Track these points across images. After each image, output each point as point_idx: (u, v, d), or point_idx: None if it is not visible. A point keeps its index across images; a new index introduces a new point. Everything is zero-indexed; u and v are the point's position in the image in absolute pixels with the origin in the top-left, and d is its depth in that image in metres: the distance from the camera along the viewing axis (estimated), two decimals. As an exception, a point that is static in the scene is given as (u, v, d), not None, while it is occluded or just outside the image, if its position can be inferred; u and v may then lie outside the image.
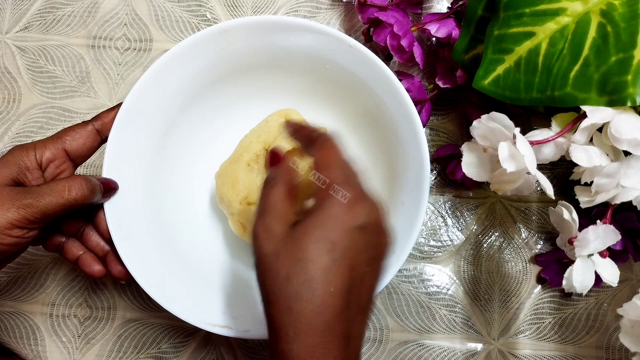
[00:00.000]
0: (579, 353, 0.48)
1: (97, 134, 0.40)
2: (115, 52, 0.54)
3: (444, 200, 0.51)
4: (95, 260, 0.40)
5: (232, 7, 0.54)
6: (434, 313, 0.49)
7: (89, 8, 0.54)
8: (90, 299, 0.50)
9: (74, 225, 0.40)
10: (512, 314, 0.49)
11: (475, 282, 0.49)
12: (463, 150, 0.38)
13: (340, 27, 0.54)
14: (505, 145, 0.33)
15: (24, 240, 0.34)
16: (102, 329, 0.50)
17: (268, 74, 0.45)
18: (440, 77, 0.47)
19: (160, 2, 0.54)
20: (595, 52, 0.34)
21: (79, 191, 0.36)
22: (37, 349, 0.50)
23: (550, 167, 0.50)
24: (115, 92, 0.53)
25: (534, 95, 0.36)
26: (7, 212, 0.33)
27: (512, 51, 0.37)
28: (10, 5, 0.55)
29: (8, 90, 0.53)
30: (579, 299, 0.49)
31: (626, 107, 0.34)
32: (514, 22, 0.37)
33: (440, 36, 0.45)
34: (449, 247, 0.50)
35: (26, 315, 0.50)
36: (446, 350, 0.49)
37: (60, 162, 0.38)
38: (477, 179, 0.37)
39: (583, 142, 0.35)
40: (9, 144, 0.53)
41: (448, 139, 0.51)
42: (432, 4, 0.52)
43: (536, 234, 0.50)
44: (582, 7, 0.36)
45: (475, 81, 0.38)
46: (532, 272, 0.49)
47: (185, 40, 0.41)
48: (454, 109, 0.52)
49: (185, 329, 0.49)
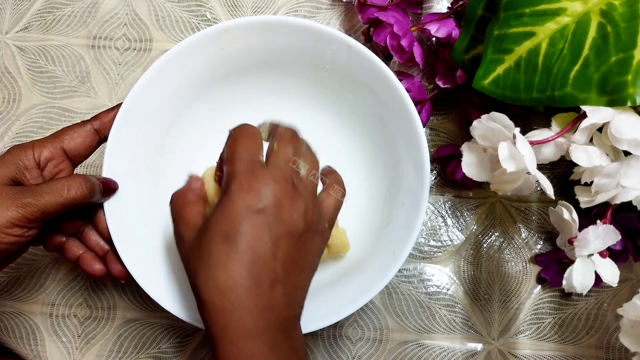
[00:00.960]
0: (579, 353, 0.48)
1: (95, 133, 0.40)
2: (115, 52, 0.54)
3: (444, 200, 0.51)
4: (96, 260, 0.40)
5: (232, 7, 0.54)
6: (434, 313, 0.49)
7: (89, 8, 0.54)
8: (90, 299, 0.50)
9: (74, 224, 0.40)
10: (512, 314, 0.49)
11: (475, 282, 0.49)
12: (463, 150, 0.38)
13: (340, 27, 0.54)
14: (505, 145, 0.33)
15: (23, 239, 0.34)
16: (102, 329, 0.50)
17: (268, 74, 0.45)
18: (440, 77, 0.47)
19: (160, 2, 0.54)
20: (595, 52, 0.34)
21: (78, 190, 0.36)
22: (37, 349, 0.50)
23: (550, 167, 0.50)
24: (115, 92, 0.53)
25: (534, 95, 0.36)
26: (7, 211, 0.33)
27: (512, 51, 0.37)
28: (10, 5, 0.55)
29: (8, 90, 0.53)
30: (579, 299, 0.49)
31: (626, 107, 0.34)
32: (514, 22, 0.37)
33: (440, 36, 0.45)
34: (449, 247, 0.50)
35: (26, 315, 0.50)
36: (446, 350, 0.48)
37: (59, 161, 0.38)
38: (477, 179, 0.37)
39: (583, 142, 0.35)
40: (9, 144, 0.53)
41: (448, 139, 0.51)
42: (432, 4, 0.52)
43: (536, 234, 0.50)
44: (582, 7, 0.36)
45: (475, 81, 0.38)
46: (532, 272, 0.49)
47: (185, 40, 0.41)
48: (454, 109, 0.52)
49: (185, 329, 0.49)
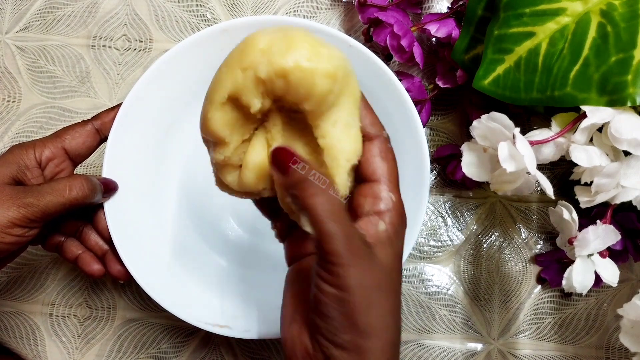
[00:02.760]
0: (579, 353, 0.48)
1: (96, 133, 0.40)
2: (115, 52, 0.54)
3: (444, 200, 0.51)
4: (95, 260, 0.40)
5: (232, 7, 0.54)
6: (434, 313, 0.49)
7: (89, 8, 0.54)
8: (90, 299, 0.50)
9: (73, 224, 0.40)
10: (512, 314, 0.49)
11: (475, 282, 0.49)
12: (463, 150, 0.38)
13: (340, 27, 0.54)
14: (505, 145, 0.33)
15: (24, 239, 0.34)
16: (102, 329, 0.50)
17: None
18: (440, 77, 0.47)
19: (160, 2, 0.54)
20: (595, 52, 0.34)
21: (80, 190, 0.36)
22: (37, 349, 0.50)
23: (550, 167, 0.50)
24: (115, 92, 0.53)
25: (534, 95, 0.36)
26: (8, 210, 0.33)
27: (512, 51, 0.37)
28: (10, 5, 0.55)
29: (8, 90, 0.53)
30: (579, 299, 0.49)
31: (626, 107, 0.34)
32: (514, 22, 0.37)
33: (440, 36, 0.45)
34: (449, 247, 0.50)
35: (26, 315, 0.50)
36: (446, 350, 0.49)
37: (60, 160, 0.38)
38: (477, 179, 0.37)
39: (583, 142, 0.35)
40: (9, 144, 0.53)
41: (448, 139, 0.51)
42: (432, 4, 0.52)
43: (536, 234, 0.50)
44: (582, 7, 0.36)
45: (475, 81, 0.38)
46: (532, 272, 0.49)
47: (185, 40, 0.41)
48: (454, 109, 0.52)
49: (185, 329, 0.49)
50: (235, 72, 0.25)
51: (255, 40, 0.25)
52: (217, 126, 0.26)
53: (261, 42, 0.25)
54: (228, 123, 0.27)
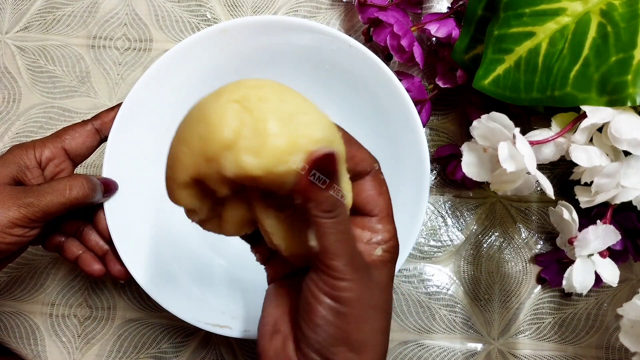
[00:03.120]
0: (579, 353, 0.48)
1: (96, 133, 0.40)
2: (115, 52, 0.54)
3: (444, 200, 0.51)
4: (95, 260, 0.40)
5: (232, 7, 0.54)
6: (434, 313, 0.49)
7: (89, 8, 0.54)
8: (90, 299, 0.50)
9: (74, 224, 0.41)
10: (512, 314, 0.49)
11: (475, 282, 0.49)
12: (463, 150, 0.38)
13: (340, 27, 0.54)
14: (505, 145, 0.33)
15: (24, 239, 0.34)
16: (102, 329, 0.50)
17: (268, 74, 0.45)
18: (440, 77, 0.47)
19: (160, 2, 0.54)
20: (595, 52, 0.34)
21: (80, 190, 0.36)
22: (37, 349, 0.50)
23: (550, 167, 0.50)
24: (115, 92, 0.53)
25: (534, 95, 0.36)
26: (8, 211, 0.33)
27: (512, 51, 0.37)
28: (10, 5, 0.55)
29: (8, 90, 0.53)
30: (579, 299, 0.49)
31: (626, 107, 0.34)
32: (514, 22, 0.37)
33: (440, 36, 0.45)
34: (449, 247, 0.50)
35: (26, 315, 0.50)
36: (446, 350, 0.49)
37: (60, 160, 0.38)
38: (477, 179, 0.37)
39: (583, 142, 0.35)
40: (9, 144, 0.53)
41: (448, 139, 0.51)
42: (432, 4, 0.52)
43: (536, 234, 0.50)
44: (582, 7, 0.36)
45: (475, 81, 0.38)
46: (532, 272, 0.49)
47: (185, 40, 0.41)
48: (454, 109, 0.52)
49: (185, 329, 0.49)
50: (197, 159, 0.22)
51: (219, 123, 0.21)
52: (184, 202, 0.24)
53: (225, 128, 0.21)
54: (196, 196, 0.24)
